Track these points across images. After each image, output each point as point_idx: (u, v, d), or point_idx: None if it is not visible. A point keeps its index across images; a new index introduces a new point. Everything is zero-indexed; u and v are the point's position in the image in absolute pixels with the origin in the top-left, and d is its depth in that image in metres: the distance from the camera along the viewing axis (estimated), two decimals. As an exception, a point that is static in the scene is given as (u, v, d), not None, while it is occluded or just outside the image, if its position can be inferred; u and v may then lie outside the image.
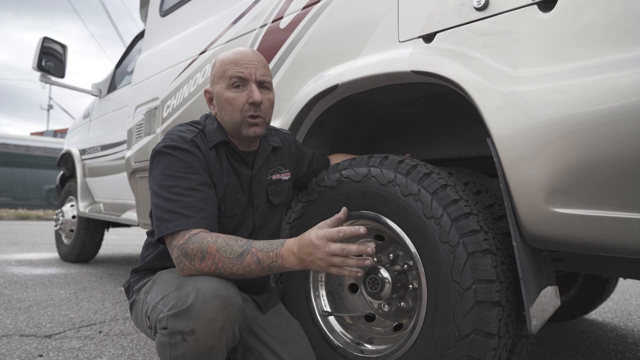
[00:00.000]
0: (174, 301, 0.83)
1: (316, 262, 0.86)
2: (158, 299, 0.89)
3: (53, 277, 3.02)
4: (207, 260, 0.87)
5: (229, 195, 1.04)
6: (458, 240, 0.92)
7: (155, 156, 0.97)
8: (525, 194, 0.83)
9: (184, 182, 0.93)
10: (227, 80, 1.00)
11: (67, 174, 4.00)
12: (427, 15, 1.03)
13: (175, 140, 0.97)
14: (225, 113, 1.02)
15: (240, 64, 1.00)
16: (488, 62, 0.91)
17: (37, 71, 3.02)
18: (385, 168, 1.07)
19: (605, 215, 0.75)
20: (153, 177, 0.97)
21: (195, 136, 1.00)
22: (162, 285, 0.93)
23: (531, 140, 0.81)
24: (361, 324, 1.21)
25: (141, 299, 1.00)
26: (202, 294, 0.81)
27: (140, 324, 1.02)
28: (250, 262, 0.87)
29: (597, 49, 0.77)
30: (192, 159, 0.96)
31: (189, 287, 0.84)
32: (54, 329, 1.82)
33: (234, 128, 1.02)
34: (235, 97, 1.00)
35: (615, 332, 2.00)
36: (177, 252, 0.89)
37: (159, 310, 0.86)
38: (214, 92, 1.05)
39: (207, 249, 0.87)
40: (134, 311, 1.05)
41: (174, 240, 0.90)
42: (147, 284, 1.02)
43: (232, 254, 0.87)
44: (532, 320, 0.84)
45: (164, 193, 0.93)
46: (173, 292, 0.86)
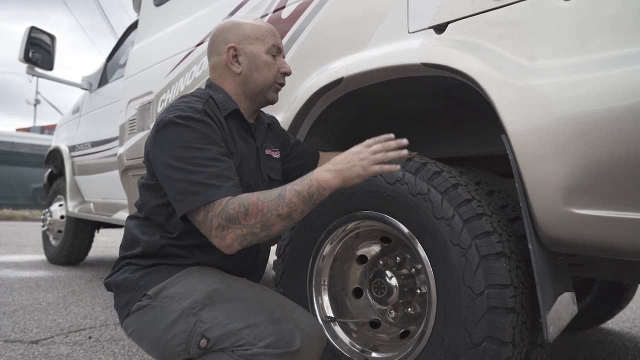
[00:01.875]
0: (273, 337, 0.82)
1: (357, 164, 0.90)
2: (239, 326, 0.84)
3: (40, 280, 3.02)
4: (252, 211, 0.86)
5: (244, 164, 1.04)
6: (470, 243, 0.91)
7: (165, 127, 0.94)
8: (542, 194, 0.83)
9: (205, 152, 0.91)
10: (266, 45, 1.08)
11: (55, 172, 4.00)
12: (439, 4, 1.03)
13: (185, 111, 0.94)
14: (260, 74, 1.08)
15: (277, 35, 1.11)
16: (503, 54, 0.91)
17: (24, 63, 3.02)
18: (393, 166, 1.06)
19: (627, 216, 0.75)
20: (164, 149, 0.93)
21: (204, 105, 0.99)
22: (236, 308, 0.88)
23: (549, 137, 0.81)
24: (366, 330, 1.21)
25: (173, 310, 0.91)
26: (308, 335, 0.85)
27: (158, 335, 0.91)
28: (291, 197, 0.88)
29: (621, 40, 0.76)
30: (207, 128, 0.94)
31: (290, 324, 0.85)
32: (41, 334, 1.82)
33: (262, 89, 1.09)
34: (273, 63, 1.09)
35: (634, 343, 2.00)
36: (218, 221, 0.87)
37: (245, 340, 0.83)
38: (247, 50, 1.07)
39: (247, 201, 0.87)
40: (144, 317, 0.94)
41: (210, 212, 0.87)
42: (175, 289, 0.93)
43: (271, 196, 0.89)
44: (548, 328, 0.83)
45: (184, 165, 0.90)
46: (267, 324, 0.84)
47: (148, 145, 1.00)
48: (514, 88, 0.86)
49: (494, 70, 0.90)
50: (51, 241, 3.80)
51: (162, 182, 0.95)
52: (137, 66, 2.26)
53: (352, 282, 1.25)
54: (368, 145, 0.93)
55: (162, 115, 0.96)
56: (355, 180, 0.91)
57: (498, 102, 0.88)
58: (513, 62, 0.89)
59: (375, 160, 0.90)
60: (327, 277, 1.23)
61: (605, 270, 1.35)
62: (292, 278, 1.24)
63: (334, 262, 1.23)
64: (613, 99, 0.74)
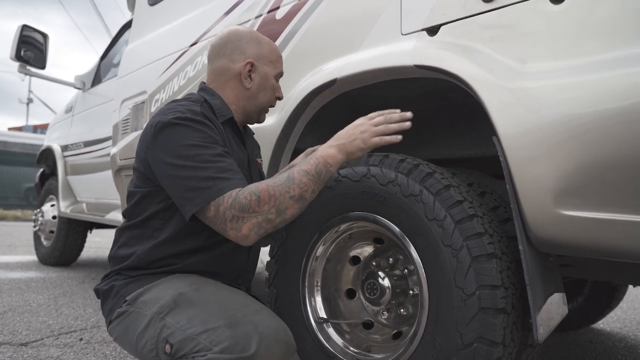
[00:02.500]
0: (228, 342, 0.78)
1: (359, 137, 0.92)
2: (197, 331, 0.82)
3: (30, 281, 3.00)
4: (264, 197, 0.86)
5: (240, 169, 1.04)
6: (462, 244, 0.92)
7: (164, 129, 0.91)
8: (533, 196, 0.83)
9: (210, 150, 0.90)
10: (276, 70, 1.13)
11: (48, 172, 3.97)
12: (432, 7, 1.03)
13: (184, 113, 0.93)
14: (264, 96, 1.12)
15: (282, 63, 1.17)
16: (495, 56, 0.91)
17: (16, 61, 2.99)
18: (385, 167, 1.07)
19: (617, 218, 0.75)
20: (165, 150, 0.90)
21: (202, 108, 0.99)
22: (196, 311, 0.85)
23: (540, 139, 0.81)
24: (359, 331, 1.21)
25: (145, 315, 0.90)
26: (266, 339, 0.80)
27: (135, 341, 0.91)
28: (300, 178, 0.89)
29: (612, 43, 0.77)
30: (208, 129, 0.94)
31: (247, 327, 0.81)
32: (31, 336, 1.80)
33: (260, 109, 1.13)
34: (276, 88, 1.15)
35: (625, 343, 2.02)
36: (232, 213, 0.85)
37: (202, 345, 0.80)
38: (261, 70, 1.10)
39: (257, 189, 0.87)
40: (122, 323, 0.94)
41: (221, 205, 0.86)
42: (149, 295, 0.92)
43: (280, 180, 0.89)
44: (538, 329, 0.84)
45: (191, 163, 0.88)
46: (223, 328, 0.81)
47: (143, 151, 0.96)
48: (506, 90, 0.87)
49: (485, 73, 0.91)
50: (43, 242, 3.77)
51: (167, 184, 0.92)
52: (131, 65, 2.25)
53: (345, 283, 1.26)
54: (370, 117, 0.94)
55: (159, 118, 0.93)
56: (358, 154, 0.93)
57: (489, 104, 0.89)
58: (504, 64, 0.89)
59: (376, 132, 0.92)
60: (320, 278, 1.23)
61: (596, 271, 1.36)
62: (285, 279, 1.24)
63: (327, 263, 1.23)
64: (603, 101, 0.75)
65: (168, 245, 0.98)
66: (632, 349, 1.93)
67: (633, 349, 1.93)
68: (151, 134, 0.93)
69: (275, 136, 1.33)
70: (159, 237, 0.98)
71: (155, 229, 0.98)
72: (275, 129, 1.34)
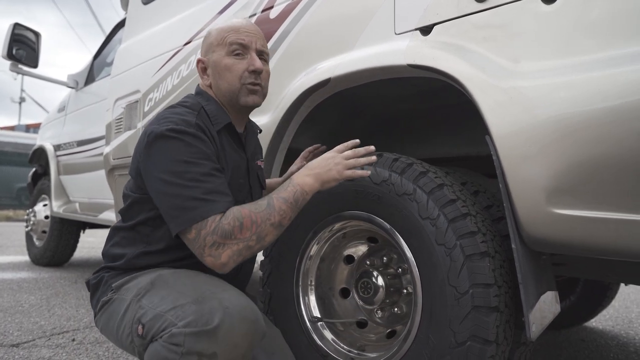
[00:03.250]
0: (193, 316, 0.78)
1: (333, 169, 0.94)
2: (166, 308, 0.82)
3: (22, 281, 2.97)
4: (246, 224, 0.86)
5: (234, 180, 1.03)
6: (455, 242, 0.92)
7: (157, 140, 0.91)
8: (525, 195, 0.84)
9: (199, 167, 0.89)
10: (226, 47, 1.02)
11: (40, 172, 3.93)
12: (425, 7, 1.03)
13: (178, 124, 0.92)
14: (223, 81, 1.03)
15: (240, 31, 1.03)
16: (488, 56, 0.92)
17: (7, 60, 2.97)
18: (379, 166, 1.07)
19: (609, 217, 0.76)
20: (156, 163, 0.90)
21: (197, 119, 0.96)
22: (169, 290, 0.86)
23: (532, 139, 0.82)
24: (353, 330, 1.21)
25: (126, 300, 0.91)
26: (230, 315, 0.79)
27: (115, 328, 0.92)
28: (280, 205, 0.90)
29: (603, 43, 0.78)
30: (200, 143, 0.92)
31: (212, 302, 0.80)
32: (22, 337, 1.78)
33: (231, 97, 1.03)
34: (235, 64, 1.02)
35: (616, 341, 2.03)
36: (213, 239, 0.85)
37: (169, 321, 0.80)
38: (210, 60, 1.04)
39: (240, 215, 0.87)
40: (107, 312, 0.95)
41: (203, 229, 0.85)
42: (136, 282, 0.94)
43: (261, 207, 0.90)
44: (531, 327, 0.85)
45: (178, 180, 0.87)
46: (190, 304, 0.81)
47: (137, 159, 0.96)
48: (498, 90, 0.87)
49: (478, 72, 0.91)
50: (35, 242, 3.74)
51: (155, 197, 0.92)
52: (125, 64, 2.24)
53: (339, 282, 1.26)
54: (339, 151, 0.98)
55: (153, 127, 0.92)
56: (332, 183, 0.95)
57: (482, 103, 0.89)
58: (497, 64, 0.90)
59: (348, 165, 0.95)
60: (314, 278, 1.23)
61: (588, 269, 1.37)
62: (279, 278, 1.23)
63: (321, 262, 1.23)
64: (596, 101, 0.75)
65: (158, 254, 0.99)
66: (624, 346, 1.95)
67: (625, 347, 1.95)
68: (144, 144, 0.93)
69: (269, 135, 1.33)
70: (150, 245, 0.98)
71: (145, 234, 0.99)
72: (269, 128, 1.33)
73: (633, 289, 3.23)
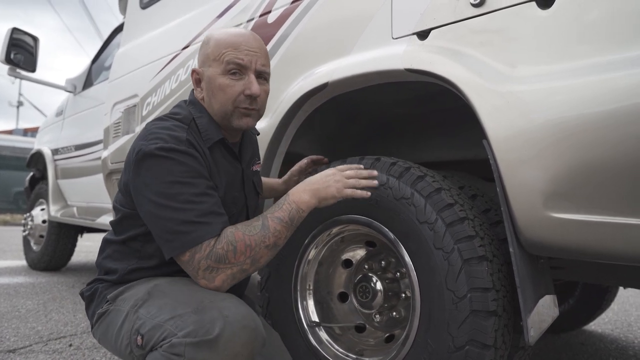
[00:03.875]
0: (193, 326, 0.77)
1: (332, 186, 0.93)
2: (165, 318, 0.81)
3: (19, 286, 2.95)
4: (240, 248, 0.85)
5: (228, 194, 1.00)
6: (453, 247, 0.92)
7: (146, 159, 0.87)
8: (522, 198, 0.84)
9: (192, 188, 0.86)
10: (223, 65, 0.95)
11: (38, 176, 3.93)
12: (422, 11, 1.04)
13: (168, 142, 0.87)
14: (216, 100, 0.97)
15: (240, 49, 0.95)
16: (485, 60, 0.92)
17: (5, 64, 2.97)
18: (377, 170, 1.07)
19: (606, 220, 0.76)
20: (147, 184, 0.87)
21: (187, 134, 0.92)
22: (167, 300, 0.85)
23: (529, 142, 0.82)
24: (351, 335, 1.21)
25: (123, 311, 0.90)
26: (231, 324, 0.78)
27: (114, 339, 0.91)
28: (275, 226, 0.88)
29: (599, 48, 0.78)
30: (192, 161, 0.88)
31: (213, 312, 0.79)
32: (19, 342, 1.78)
33: (223, 117, 0.98)
34: (231, 85, 0.95)
35: (616, 344, 2.03)
36: (207, 263, 0.84)
37: (168, 331, 0.79)
38: (205, 74, 0.98)
39: (234, 238, 0.85)
40: (103, 323, 0.94)
41: (197, 253, 0.84)
42: (129, 292, 0.93)
43: (255, 229, 0.88)
44: (529, 331, 0.85)
45: (170, 203, 0.84)
46: (190, 314, 0.79)
47: (126, 175, 0.94)
48: (495, 94, 0.88)
49: (475, 77, 0.91)
50: (32, 246, 3.72)
51: (146, 219, 0.89)
52: (123, 69, 2.24)
53: (338, 286, 1.26)
54: (341, 169, 0.97)
55: (142, 143, 0.88)
56: (330, 201, 0.94)
57: (479, 107, 0.89)
58: (494, 68, 0.90)
59: (349, 184, 0.95)
60: (312, 282, 1.22)
61: (586, 273, 1.37)
62: (277, 282, 1.23)
63: (319, 267, 1.23)
64: (592, 105, 0.76)
65: (151, 270, 0.97)
66: (623, 350, 1.95)
67: (624, 350, 1.95)
68: (133, 162, 0.89)
69: (267, 140, 1.33)
70: (142, 261, 0.97)
71: (137, 249, 0.97)
72: (267, 133, 1.33)
73: (632, 292, 3.23)
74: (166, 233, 0.86)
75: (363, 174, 0.99)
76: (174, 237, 0.85)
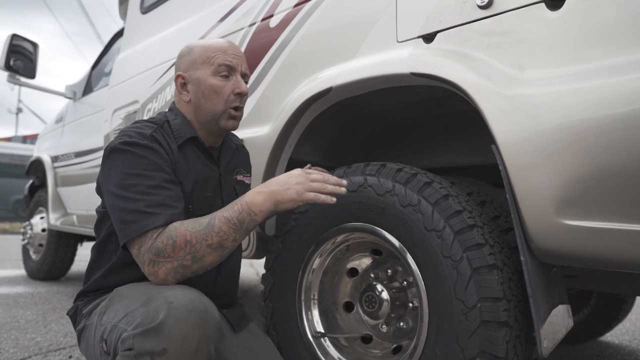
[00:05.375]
0: (140, 318, 0.79)
1: (292, 188, 0.90)
2: (119, 317, 0.84)
3: (19, 296, 2.97)
4: (180, 243, 0.86)
5: (197, 192, 1.03)
6: (461, 255, 0.92)
7: (111, 154, 0.94)
8: (533, 205, 0.84)
9: (147, 180, 0.91)
10: (213, 67, 1.04)
11: (37, 183, 3.96)
12: (427, 14, 1.04)
13: (132, 137, 0.94)
14: (207, 101, 1.04)
15: (228, 52, 1.05)
16: (492, 63, 0.92)
17: (5, 71, 3.01)
18: (382, 177, 1.07)
19: (620, 227, 0.75)
20: (109, 177, 0.94)
21: (154, 131, 0.99)
22: (123, 302, 0.89)
23: (539, 147, 0.82)
24: (357, 346, 1.20)
25: (93, 323, 0.95)
26: (175, 308, 0.79)
27: (93, 352, 0.95)
28: (220, 225, 0.88)
29: (610, 50, 0.78)
30: (153, 155, 0.94)
31: (158, 301, 0.81)
32: (18, 354, 1.78)
33: (212, 117, 1.05)
34: (222, 86, 1.04)
35: (634, 356, 2.00)
36: (149, 256, 0.87)
37: (121, 329, 0.82)
38: (193, 77, 1.05)
39: (175, 233, 0.87)
40: (84, 339, 0.99)
41: (142, 246, 0.87)
42: (101, 304, 0.97)
43: (200, 226, 0.88)
44: (542, 342, 0.84)
45: (125, 193, 0.90)
46: (139, 308, 0.82)
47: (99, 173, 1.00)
48: (504, 98, 0.88)
49: (483, 80, 0.91)
50: (32, 255, 3.74)
51: (108, 211, 0.95)
52: (123, 75, 2.27)
53: (343, 295, 1.25)
54: (308, 172, 0.96)
55: (111, 141, 0.97)
56: (288, 205, 0.91)
57: (487, 111, 0.89)
58: (502, 71, 0.90)
59: (313, 188, 0.91)
60: (317, 291, 1.22)
61: (601, 282, 1.36)
62: (281, 292, 1.23)
63: (323, 276, 1.23)
64: (603, 108, 0.75)
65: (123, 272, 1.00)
66: (641, 362, 1.92)
67: (642, 362, 1.92)
68: (103, 158, 0.97)
69: (269, 146, 1.33)
70: (115, 262, 1.01)
71: (112, 250, 1.02)
72: (269, 139, 1.34)
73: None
74: (119, 222, 0.90)
75: (331, 180, 0.95)
76: (124, 226, 0.89)
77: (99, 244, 1.05)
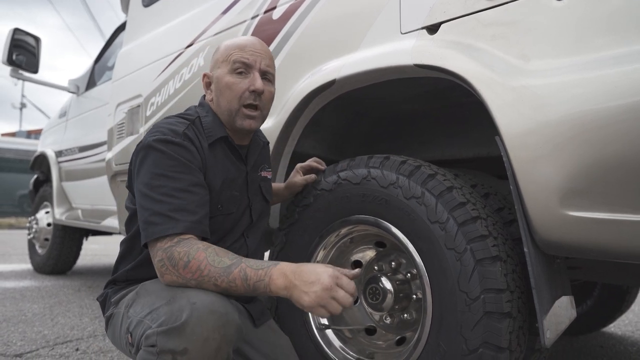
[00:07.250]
0: (164, 316, 0.81)
1: (310, 294, 0.82)
2: (145, 313, 0.87)
3: (25, 290, 3.00)
4: (192, 265, 0.86)
5: (226, 191, 1.04)
6: (465, 247, 0.92)
7: (142, 151, 0.95)
8: (537, 196, 0.83)
9: (174, 182, 0.92)
10: (229, 65, 1.03)
11: (42, 178, 3.98)
12: (431, 5, 1.04)
13: (165, 134, 0.95)
14: (223, 98, 1.04)
15: (246, 50, 1.04)
16: (497, 54, 0.92)
17: (7, 65, 3.01)
18: (386, 169, 1.07)
19: (624, 218, 0.75)
20: (140, 175, 0.95)
21: (187, 128, 0.99)
22: (149, 297, 0.91)
23: (544, 138, 0.82)
24: (361, 337, 1.21)
25: (121, 313, 0.98)
26: (198, 309, 0.80)
27: (119, 340, 0.99)
28: (236, 277, 0.86)
29: (616, 39, 0.77)
30: (185, 154, 0.95)
31: (182, 301, 0.83)
32: (26, 347, 1.80)
33: (229, 116, 1.04)
34: (236, 83, 1.03)
35: (637, 347, 2.01)
36: (162, 255, 0.88)
37: (146, 325, 0.84)
38: (214, 76, 1.07)
39: (195, 254, 0.87)
40: (111, 326, 1.02)
41: (160, 243, 0.89)
42: (128, 295, 1.00)
43: (220, 264, 0.87)
44: (545, 333, 0.84)
45: (151, 194, 0.91)
46: (163, 306, 0.84)
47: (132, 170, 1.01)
48: (508, 89, 0.87)
49: (487, 71, 0.91)
50: (37, 250, 3.78)
51: (137, 207, 0.96)
52: (126, 68, 2.26)
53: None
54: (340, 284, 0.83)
55: (145, 137, 0.97)
56: (297, 304, 0.84)
57: (492, 103, 0.89)
58: (506, 62, 0.90)
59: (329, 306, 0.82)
60: (321, 284, 1.22)
61: (605, 273, 1.36)
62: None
63: (327, 268, 1.23)
64: (609, 98, 0.75)
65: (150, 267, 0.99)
66: (644, 353, 1.92)
67: (645, 353, 1.92)
68: (135, 154, 0.98)
69: (273, 139, 1.33)
70: (142, 258, 1.03)
71: (140, 248, 1.02)
72: (273, 132, 1.34)
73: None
74: (142, 222, 0.92)
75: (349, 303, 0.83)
76: (147, 226, 0.91)
77: (129, 238, 1.07)
